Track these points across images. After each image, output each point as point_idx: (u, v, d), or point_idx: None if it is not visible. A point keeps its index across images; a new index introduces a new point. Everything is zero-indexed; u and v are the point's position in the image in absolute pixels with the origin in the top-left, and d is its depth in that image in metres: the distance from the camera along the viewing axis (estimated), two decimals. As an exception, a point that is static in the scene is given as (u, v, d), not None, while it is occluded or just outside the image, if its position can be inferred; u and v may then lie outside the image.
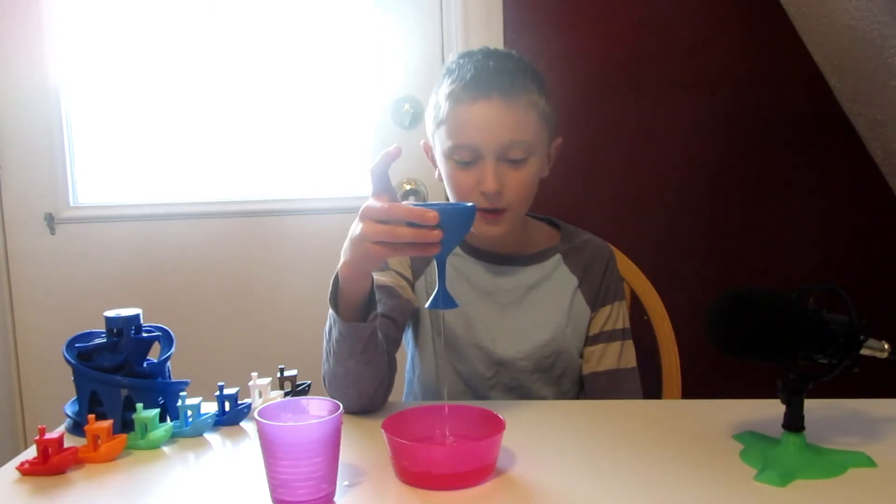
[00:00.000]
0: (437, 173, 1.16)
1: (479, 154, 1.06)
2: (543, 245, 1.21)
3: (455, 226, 0.84)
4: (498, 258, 1.18)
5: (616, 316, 1.20)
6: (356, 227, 0.88)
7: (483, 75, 1.06)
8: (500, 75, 1.06)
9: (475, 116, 1.06)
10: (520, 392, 1.16)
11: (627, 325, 1.21)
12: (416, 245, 0.84)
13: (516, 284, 1.18)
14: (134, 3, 1.79)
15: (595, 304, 1.19)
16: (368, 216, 0.86)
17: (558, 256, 1.20)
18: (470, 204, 0.88)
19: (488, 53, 1.11)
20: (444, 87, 1.09)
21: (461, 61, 1.10)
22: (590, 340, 1.19)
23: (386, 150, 0.88)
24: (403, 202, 0.86)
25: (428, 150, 1.18)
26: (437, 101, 1.11)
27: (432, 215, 0.81)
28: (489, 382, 1.16)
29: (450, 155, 1.09)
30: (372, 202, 0.87)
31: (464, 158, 1.07)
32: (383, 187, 0.89)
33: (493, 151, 1.05)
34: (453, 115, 1.07)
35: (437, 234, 0.82)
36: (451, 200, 1.12)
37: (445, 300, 0.85)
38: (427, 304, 0.88)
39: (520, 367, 1.15)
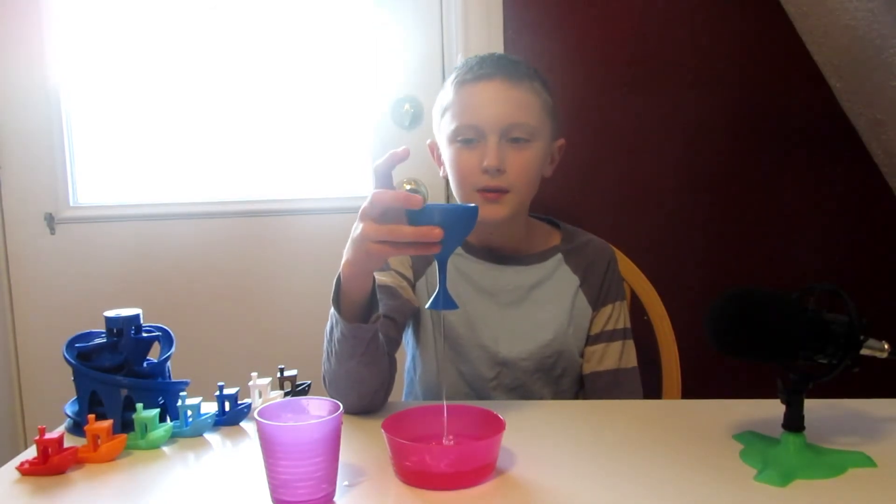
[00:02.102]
0: (441, 171, 1.17)
1: (482, 133, 1.08)
2: (544, 245, 1.21)
3: (456, 225, 0.84)
4: (499, 257, 1.18)
5: (617, 316, 1.20)
6: (357, 227, 0.89)
7: (488, 60, 1.12)
8: (505, 61, 1.13)
9: (479, 95, 1.09)
10: (520, 392, 1.17)
11: (628, 324, 1.21)
12: (417, 244, 0.84)
13: (518, 284, 1.18)
14: (134, 3, 1.79)
15: (596, 303, 1.20)
16: (368, 215, 0.86)
17: (559, 256, 1.20)
18: (472, 205, 0.88)
19: (493, 53, 1.17)
20: (451, 78, 1.14)
21: (468, 58, 1.16)
22: (591, 340, 1.19)
23: (394, 150, 0.89)
24: None
25: (433, 149, 1.18)
26: (445, 91, 1.15)
27: (417, 200, 0.81)
28: (491, 383, 1.16)
29: (454, 137, 1.11)
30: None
31: (467, 137, 1.09)
32: (385, 187, 0.89)
33: (496, 130, 1.08)
34: (458, 97, 1.11)
35: (437, 233, 0.82)
36: (455, 188, 1.14)
37: (446, 301, 0.85)
38: (427, 305, 0.88)
39: (522, 368, 1.16)
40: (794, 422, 0.83)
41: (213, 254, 1.82)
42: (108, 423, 0.90)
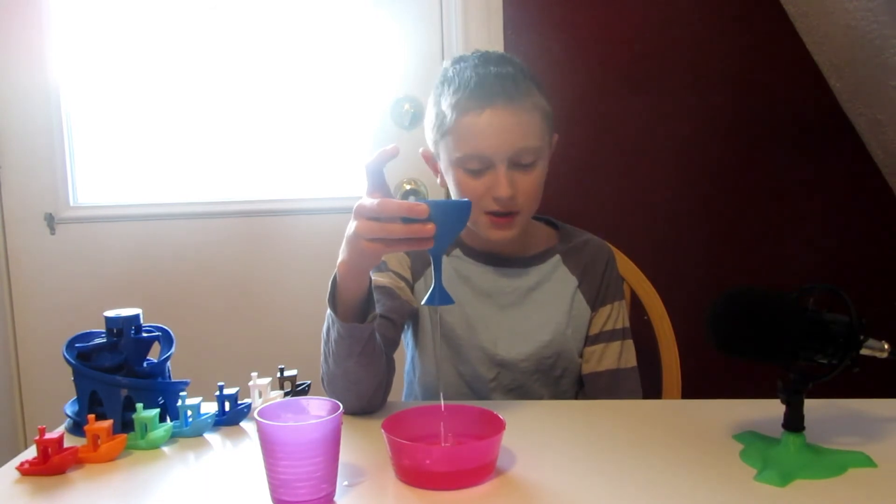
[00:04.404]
0: (438, 179, 1.16)
1: (489, 162, 1.06)
2: (542, 246, 1.21)
3: (449, 220, 0.84)
4: (498, 260, 1.18)
5: (616, 315, 1.20)
6: (351, 226, 0.89)
7: (486, 82, 1.06)
8: (503, 81, 1.06)
9: (483, 126, 1.05)
10: (519, 393, 1.16)
11: (627, 324, 1.21)
12: (410, 240, 0.84)
13: (516, 286, 1.18)
14: (134, 3, 1.79)
15: (595, 303, 1.19)
16: (361, 214, 0.86)
17: (557, 257, 1.20)
18: (465, 199, 0.88)
19: (485, 58, 1.10)
20: (447, 97, 1.08)
21: (458, 67, 1.10)
22: (590, 340, 1.19)
23: (383, 148, 0.88)
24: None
25: (428, 159, 1.17)
26: (440, 110, 1.10)
27: (421, 209, 0.81)
28: (490, 384, 1.16)
29: (459, 164, 1.08)
30: (365, 199, 0.87)
31: (474, 167, 1.07)
32: (377, 185, 0.89)
33: (504, 159, 1.05)
34: (459, 126, 1.07)
35: (430, 229, 0.81)
36: None
37: (441, 296, 0.85)
38: (423, 301, 0.88)
39: (521, 369, 1.15)
40: (794, 422, 0.83)
41: (213, 254, 1.82)
42: (108, 423, 0.90)
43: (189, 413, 0.96)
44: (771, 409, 0.86)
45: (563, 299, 1.18)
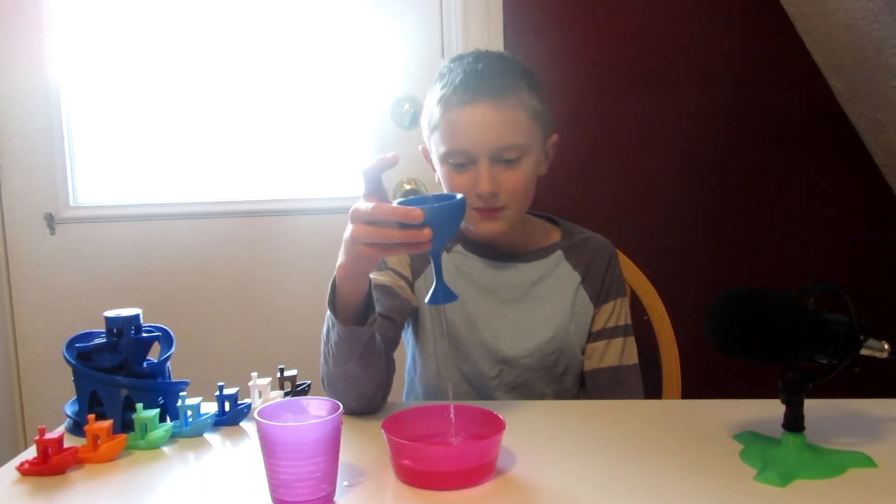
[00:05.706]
0: (436, 176, 1.16)
1: (472, 157, 1.07)
2: (544, 242, 1.21)
3: (445, 221, 0.84)
4: (499, 254, 1.18)
5: (618, 312, 1.20)
6: (348, 230, 0.89)
7: (471, 79, 1.07)
8: (489, 78, 1.07)
9: (465, 121, 1.07)
10: (522, 390, 1.16)
11: (629, 321, 1.21)
12: (407, 245, 0.84)
13: (518, 281, 1.18)
14: (134, 4, 1.79)
15: (598, 300, 1.19)
16: (357, 218, 0.86)
17: (560, 253, 1.20)
18: (459, 196, 0.87)
19: (479, 56, 1.12)
20: (436, 93, 1.11)
21: (451, 65, 1.12)
22: (592, 337, 1.19)
23: (383, 155, 0.88)
24: (395, 201, 0.86)
25: (426, 155, 1.18)
26: (430, 106, 1.12)
27: (416, 214, 0.81)
28: (493, 382, 1.16)
29: (444, 159, 1.10)
30: (361, 203, 0.87)
31: (458, 162, 1.08)
32: (374, 189, 0.89)
33: (486, 154, 1.06)
34: (444, 121, 1.09)
35: (426, 234, 0.82)
36: None
37: (445, 294, 0.85)
38: (427, 300, 0.88)
39: (524, 365, 1.15)
40: (794, 422, 0.83)
41: (213, 254, 1.82)
42: (108, 423, 0.90)
43: (189, 413, 0.96)
44: (771, 409, 0.86)
45: (565, 295, 1.18)
